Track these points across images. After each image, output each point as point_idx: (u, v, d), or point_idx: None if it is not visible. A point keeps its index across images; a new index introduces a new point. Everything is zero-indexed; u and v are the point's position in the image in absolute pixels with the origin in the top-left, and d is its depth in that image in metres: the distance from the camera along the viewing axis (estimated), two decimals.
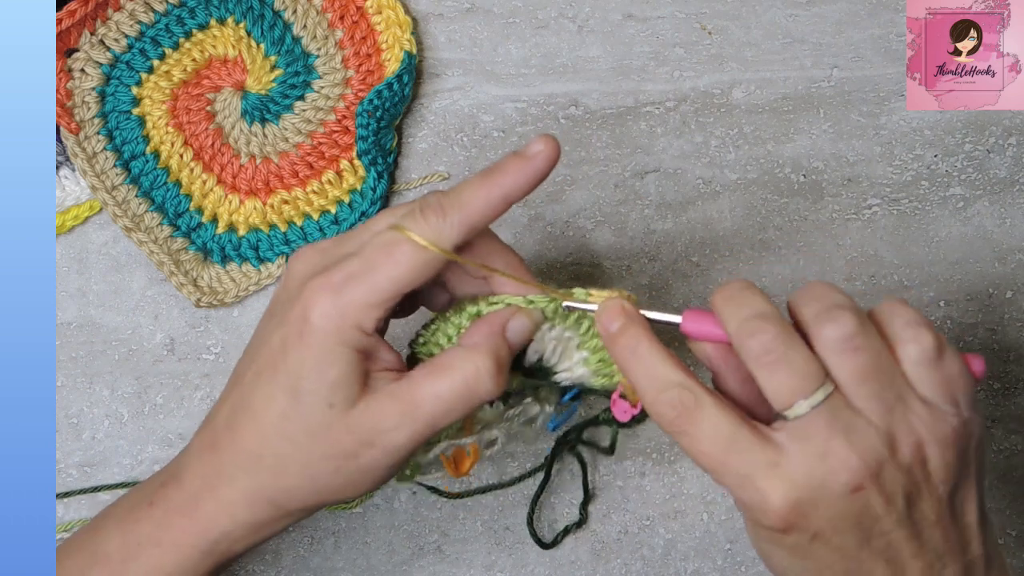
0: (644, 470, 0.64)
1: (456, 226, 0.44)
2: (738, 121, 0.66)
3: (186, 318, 0.64)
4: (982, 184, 0.67)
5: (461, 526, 0.63)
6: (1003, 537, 0.65)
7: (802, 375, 0.43)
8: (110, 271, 0.64)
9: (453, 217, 0.44)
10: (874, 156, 0.66)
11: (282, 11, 0.65)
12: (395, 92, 0.63)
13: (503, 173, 0.45)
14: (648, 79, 0.66)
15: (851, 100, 0.67)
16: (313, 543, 0.63)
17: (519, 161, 0.45)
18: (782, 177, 0.66)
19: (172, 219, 0.64)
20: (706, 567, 0.64)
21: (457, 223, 0.44)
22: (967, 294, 0.66)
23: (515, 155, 0.46)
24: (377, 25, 0.65)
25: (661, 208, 0.65)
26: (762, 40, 0.67)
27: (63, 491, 0.62)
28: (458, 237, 0.45)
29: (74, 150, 0.63)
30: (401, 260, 0.44)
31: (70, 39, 0.63)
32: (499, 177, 0.45)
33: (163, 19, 0.65)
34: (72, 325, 0.63)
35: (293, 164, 0.64)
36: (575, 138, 0.65)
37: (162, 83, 0.64)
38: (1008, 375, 0.66)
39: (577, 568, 0.63)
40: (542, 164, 0.45)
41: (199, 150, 0.64)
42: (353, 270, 0.44)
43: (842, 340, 0.43)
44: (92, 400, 0.63)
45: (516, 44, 0.66)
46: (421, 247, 0.44)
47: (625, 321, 0.46)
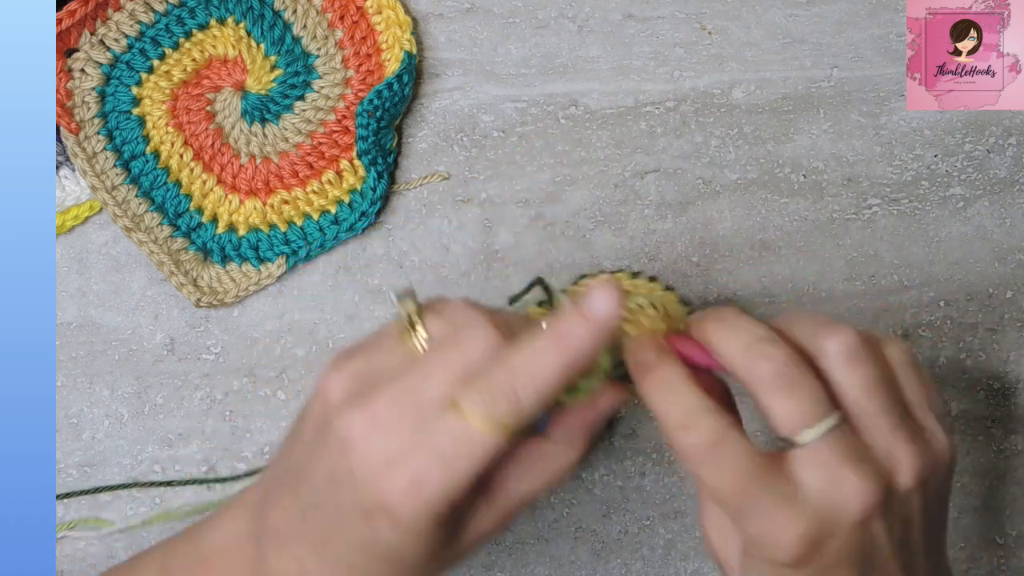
0: (644, 470, 0.64)
1: (527, 410, 0.41)
2: (738, 121, 0.66)
3: (186, 318, 0.64)
4: (982, 184, 0.67)
5: None
6: (1003, 537, 0.65)
7: (814, 400, 0.42)
8: (110, 271, 0.64)
9: (527, 398, 0.41)
10: (874, 156, 0.66)
11: (282, 11, 0.65)
12: (395, 92, 0.63)
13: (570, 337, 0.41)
14: (648, 79, 0.66)
15: (851, 100, 0.67)
16: None
17: (582, 322, 0.42)
18: (782, 177, 0.66)
19: (172, 219, 0.64)
20: (706, 567, 0.64)
21: (531, 402, 0.41)
22: (967, 294, 0.66)
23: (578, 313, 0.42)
24: (377, 25, 0.65)
25: (661, 208, 0.65)
26: (762, 40, 0.67)
27: (63, 492, 0.62)
28: (530, 415, 0.41)
29: (74, 150, 0.63)
30: (473, 455, 0.40)
31: (70, 39, 0.63)
32: (566, 342, 0.41)
33: (163, 19, 0.65)
34: (72, 325, 0.63)
35: (293, 164, 0.64)
36: (575, 138, 0.65)
37: (162, 83, 0.64)
38: (1008, 375, 0.66)
39: (577, 568, 0.63)
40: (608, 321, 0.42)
41: (199, 150, 0.64)
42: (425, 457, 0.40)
43: (848, 351, 0.43)
44: (92, 400, 0.63)
45: (516, 44, 0.66)
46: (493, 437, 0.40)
47: (659, 354, 0.45)
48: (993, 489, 0.65)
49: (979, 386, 0.66)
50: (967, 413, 0.65)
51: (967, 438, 0.65)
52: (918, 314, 0.66)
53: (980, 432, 0.65)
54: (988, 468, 0.65)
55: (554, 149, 0.65)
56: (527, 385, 0.40)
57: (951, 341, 0.66)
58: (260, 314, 0.64)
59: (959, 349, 0.66)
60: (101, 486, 0.62)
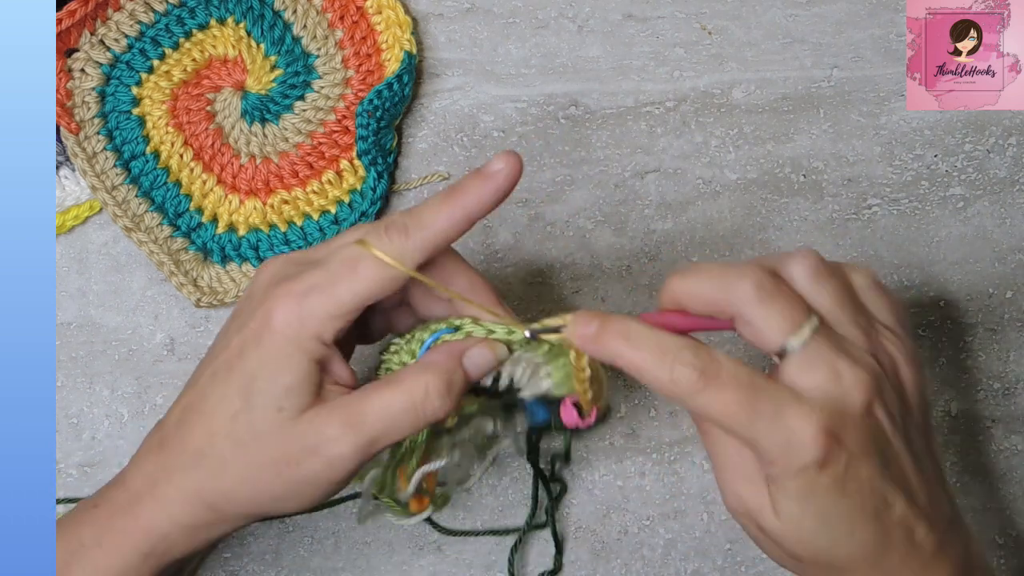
0: (644, 470, 0.64)
1: (418, 244, 0.46)
2: (738, 121, 0.66)
3: (186, 318, 0.64)
4: (982, 184, 0.67)
5: (461, 526, 0.63)
6: (1003, 537, 0.65)
7: (796, 304, 0.44)
8: (110, 271, 0.64)
9: (416, 235, 0.46)
10: (874, 156, 0.66)
11: (282, 11, 0.65)
12: (395, 92, 0.63)
13: (464, 192, 0.46)
14: (648, 79, 0.66)
15: (851, 100, 0.67)
16: (313, 543, 0.63)
17: (480, 179, 0.46)
18: (782, 177, 0.66)
19: (172, 219, 0.64)
20: (706, 567, 0.64)
21: (419, 241, 0.46)
22: (967, 294, 0.66)
23: (475, 173, 0.46)
24: (377, 25, 0.65)
25: (661, 208, 0.65)
26: (762, 40, 0.67)
27: (64, 495, 0.62)
28: (420, 255, 0.46)
29: (74, 150, 0.63)
30: (363, 275, 0.45)
31: (70, 39, 0.63)
32: (460, 196, 0.46)
33: (163, 19, 0.65)
34: (72, 325, 0.63)
35: (293, 164, 0.64)
36: (575, 138, 0.65)
37: (162, 83, 0.64)
38: (1008, 375, 0.66)
39: (577, 568, 0.63)
40: (503, 182, 0.46)
41: (199, 150, 0.64)
42: (316, 281, 0.45)
43: (814, 269, 0.45)
44: (92, 400, 0.63)
45: (516, 44, 0.66)
46: (383, 263, 0.45)
47: (600, 320, 0.45)
48: (993, 489, 0.65)
49: (979, 386, 0.66)
50: (967, 413, 0.65)
51: (967, 438, 0.65)
52: (918, 314, 0.66)
53: (980, 432, 0.65)
54: (988, 468, 0.65)
55: (554, 149, 0.65)
56: (418, 224, 0.46)
57: (951, 341, 0.66)
58: None
59: (959, 349, 0.66)
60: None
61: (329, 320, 0.45)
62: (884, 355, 0.45)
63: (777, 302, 0.43)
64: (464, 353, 0.48)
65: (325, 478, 0.46)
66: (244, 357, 0.45)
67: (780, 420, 0.42)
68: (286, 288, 0.45)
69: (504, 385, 0.49)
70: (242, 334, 0.46)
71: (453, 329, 0.48)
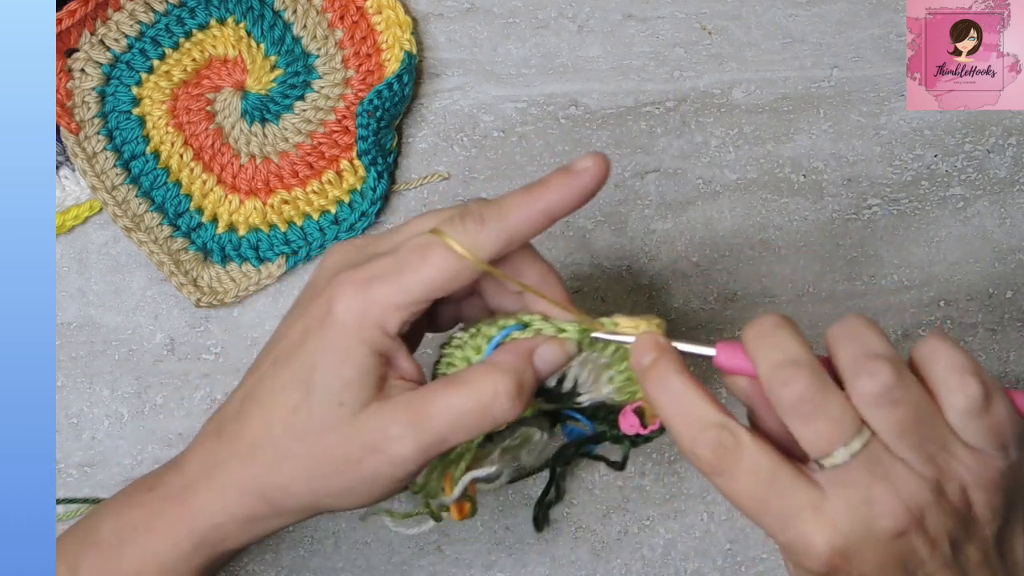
0: (644, 470, 0.64)
1: (494, 237, 0.43)
2: (738, 121, 0.66)
3: (186, 318, 0.64)
4: (982, 184, 0.67)
5: (461, 526, 0.63)
6: None
7: (838, 424, 0.40)
8: (110, 271, 0.64)
9: (492, 227, 0.43)
10: (874, 156, 0.66)
11: (282, 11, 0.65)
12: (395, 92, 0.63)
13: (547, 188, 0.43)
14: (648, 79, 0.66)
15: (851, 100, 0.67)
16: (313, 543, 0.63)
17: (565, 176, 0.44)
18: (782, 177, 0.66)
19: (172, 219, 0.64)
20: (706, 567, 0.64)
21: (495, 234, 0.43)
22: (967, 294, 0.66)
23: (562, 170, 0.44)
24: (377, 25, 0.65)
25: (661, 208, 0.65)
26: (762, 40, 0.67)
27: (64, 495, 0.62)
28: (495, 248, 0.43)
29: (74, 150, 0.63)
30: (434, 264, 0.43)
31: (70, 39, 0.63)
32: (543, 191, 0.43)
33: (163, 19, 0.65)
34: (72, 325, 0.63)
35: (293, 164, 0.64)
36: (575, 138, 0.65)
37: (162, 83, 0.64)
38: (1008, 375, 0.66)
39: (577, 568, 0.63)
40: (589, 181, 0.43)
41: (199, 150, 0.64)
42: (383, 269, 0.43)
43: (879, 395, 0.40)
44: (92, 400, 0.63)
45: (516, 44, 0.66)
46: (456, 254, 0.43)
47: (657, 355, 0.44)
48: None
49: None
50: None
51: None
52: (918, 314, 0.66)
53: None
54: None
55: (554, 149, 0.65)
56: (496, 215, 0.43)
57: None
58: (260, 314, 0.64)
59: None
60: (100, 498, 0.62)
61: (394, 311, 0.43)
62: (951, 480, 0.41)
63: (817, 421, 0.40)
64: (534, 351, 0.45)
65: (387, 476, 0.44)
66: (305, 345, 0.44)
67: (791, 526, 0.41)
68: (351, 275, 0.43)
69: (568, 387, 0.47)
70: (304, 321, 0.44)
71: (522, 326, 0.45)
